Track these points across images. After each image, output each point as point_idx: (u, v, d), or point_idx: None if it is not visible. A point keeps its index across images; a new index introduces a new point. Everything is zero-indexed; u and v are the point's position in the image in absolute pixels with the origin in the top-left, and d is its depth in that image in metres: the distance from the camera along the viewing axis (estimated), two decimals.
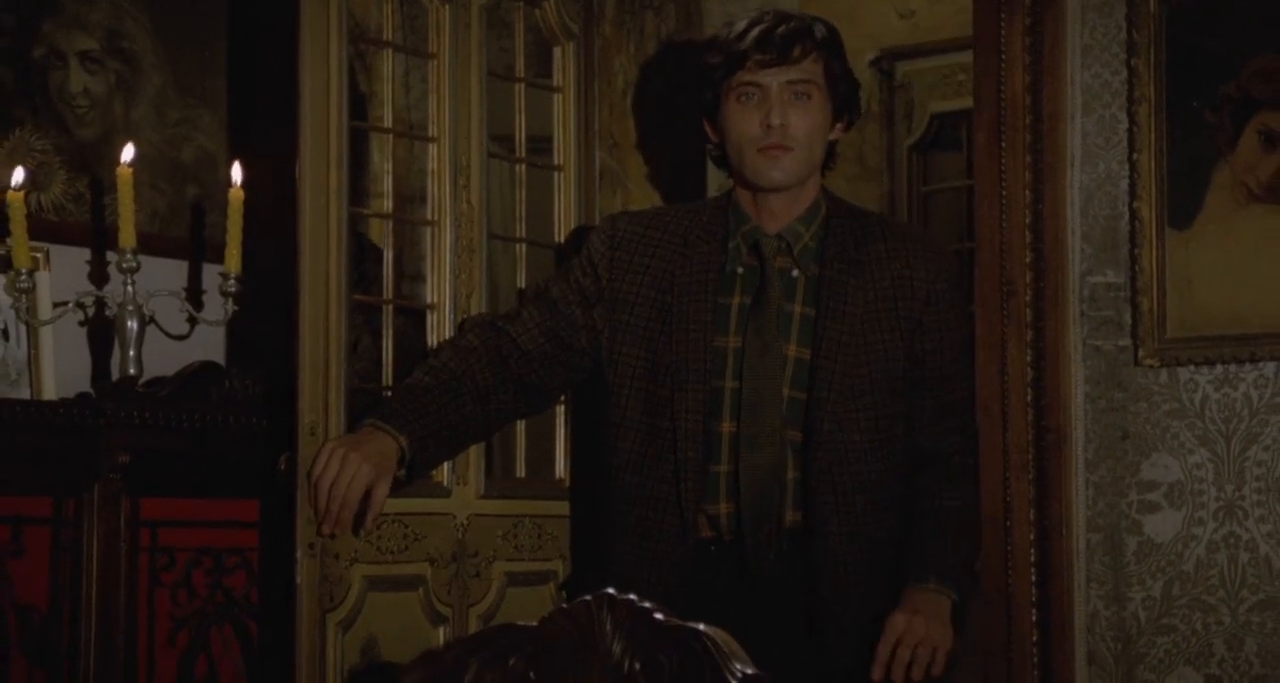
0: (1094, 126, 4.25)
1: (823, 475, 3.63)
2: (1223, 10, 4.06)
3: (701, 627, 2.64)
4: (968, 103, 4.63)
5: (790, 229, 3.68)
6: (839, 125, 3.71)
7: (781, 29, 3.57)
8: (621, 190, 4.77)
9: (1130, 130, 4.18)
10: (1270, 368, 4.01)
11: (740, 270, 3.66)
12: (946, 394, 3.78)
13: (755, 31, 3.57)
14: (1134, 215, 4.17)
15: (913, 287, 3.70)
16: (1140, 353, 4.16)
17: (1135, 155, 4.17)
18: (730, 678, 2.59)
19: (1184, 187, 4.10)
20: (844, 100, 3.65)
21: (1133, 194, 4.17)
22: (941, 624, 3.63)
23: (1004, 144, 4.30)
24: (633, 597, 2.74)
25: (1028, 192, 4.28)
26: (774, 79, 3.58)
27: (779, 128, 3.56)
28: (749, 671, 2.60)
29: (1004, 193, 4.30)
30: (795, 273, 3.67)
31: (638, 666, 2.70)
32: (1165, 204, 4.13)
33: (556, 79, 4.66)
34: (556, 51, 4.66)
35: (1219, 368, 4.06)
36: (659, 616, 2.70)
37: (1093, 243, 4.25)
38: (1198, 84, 4.08)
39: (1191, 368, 4.10)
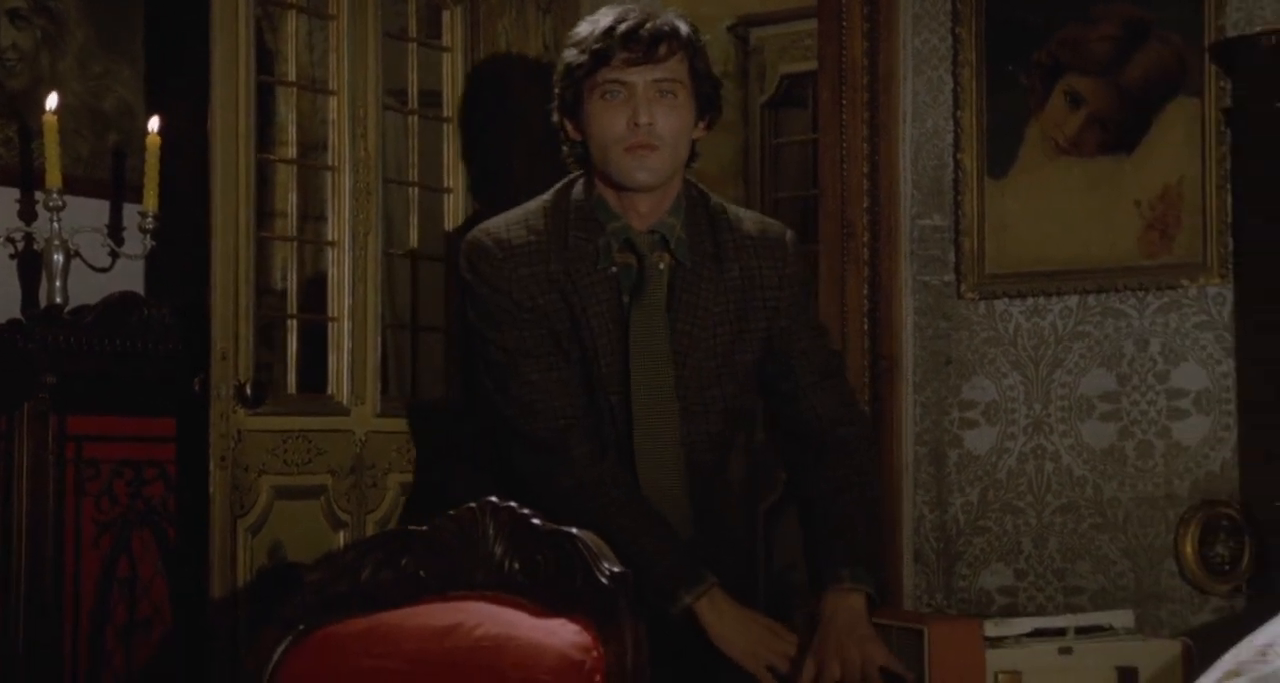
0: (923, 87, 4.27)
1: (693, 468, 3.22)
2: None
3: (574, 530, 2.64)
4: (813, 65, 4.63)
5: (663, 223, 3.19)
6: (701, 124, 3.24)
7: (648, 27, 3.13)
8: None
9: (955, 90, 4.20)
10: (1073, 301, 4.05)
11: (614, 269, 3.16)
12: (818, 359, 3.28)
13: (621, 29, 3.12)
14: (957, 166, 4.20)
15: (763, 275, 3.23)
16: (962, 288, 4.19)
17: (959, 113, 4.19)
18: (600, 575, 2.60)
19: (1001, 141, 4.13)
20: (707, 99, 3.19)
21: (956, 147, 4.20)
22: (871, 641, 3.04)
23: (844, 102, 4.32)
24: (513, 503, 2.73)
25: (865, 145, 4.30)
26: (640, 77, 3.11)
27: (646, 127, 3.10)
28: (615, 569, 2.60)
29: (844, 146, 4.32)
30: (662, 266, 3.19)
31: (517, 565, 2.70)
32: (984, 156, 4.15)
33: (446, 39, 4.65)
34: (446, 15, 4.65)
35: (1030, 301, 4.10)
36: (536, 520, 2.70)
37: (922, 190, 4.27)
38: (1013, 50, 4.10)
39: (1006, 301, 4.13)
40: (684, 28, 3.18)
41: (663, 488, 3.14)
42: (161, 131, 4.18)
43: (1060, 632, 3.52)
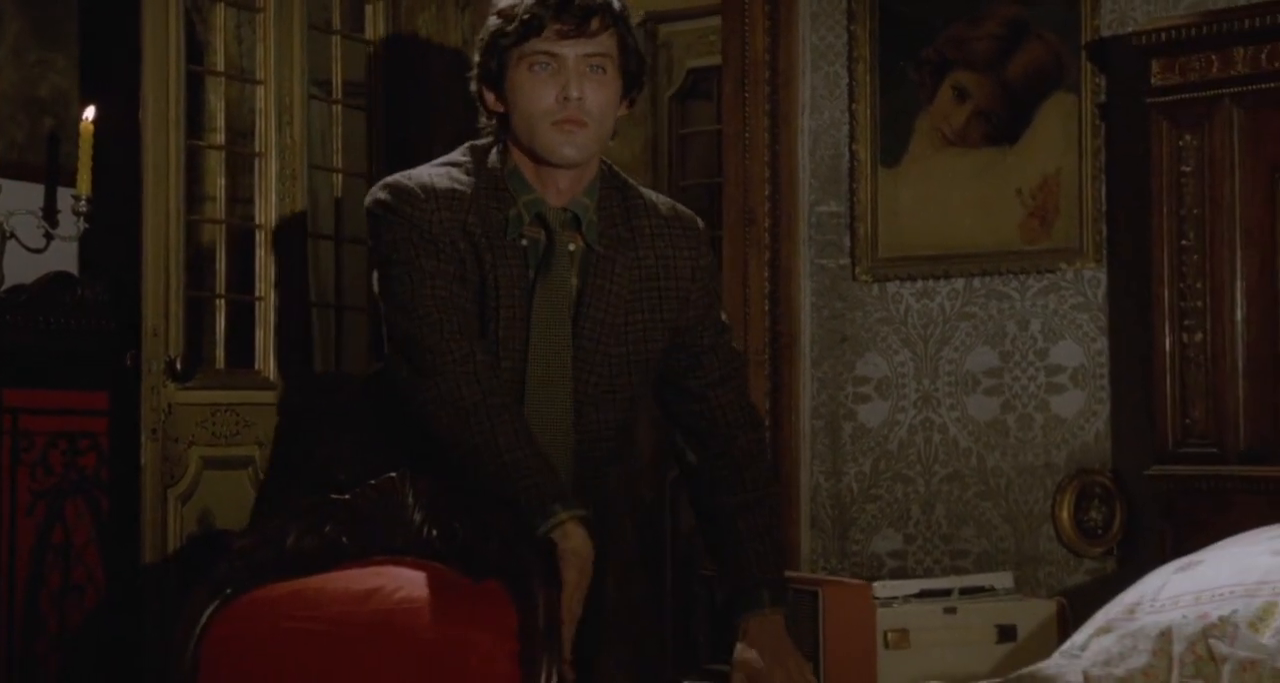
0: (821, 81, 4.28)
1: (584, 456, 2.98)
2: None
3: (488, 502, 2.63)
4: (718, 60, 4.63)
5: (577, 202, 2.90)
6: (625, 102, 2.95)
7: (578, 3, 2.85)
8: (425, 129, 4.73)
9: (850, 85, 4.22)
10: (960, 283, 4.08)
11: (524, 242, 2.88)
12: (724, 356, 3.02)
13: (554, 2, 2.84)
14: (853, 156, 4.22)
15: (677, 264, 2.96)
16: (857, 270, 4.21)
17: (854, 106, 4.21)
18: (513, 541, 2.59)
19: (893, 132, 4.15)
20: (633, 76, 2.91)
21: (852, 138, 4.21)
22: (797, 660, 2.90)
23: (746, 95, 4.33)
24: (432, 474, 2.72)
25: (766, 135, 4.31)
26: (571, 51, 2.82)
27: (576, 101, 2.81)
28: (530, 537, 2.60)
29: (746, 136, 4.33)
30: (572, 247, 2.93)
31: (435, 532, 2.68)
32: (878, 147, 4.17)
33: (368, 32, 4.64)
34: (368, 9, 4.64)
35: (919, 283, 4.13)
36: (454, 490, 2.68)
37: (819, 178, 4.29)
38: (904, 47, 4.12)
39: (897, 283, 4.16)
40: (616, 2, 2.91)
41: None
42: (95, 118, 4.14)
43: (945, 593, 3.56)
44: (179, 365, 3.92)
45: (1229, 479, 3.45)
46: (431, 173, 2.89)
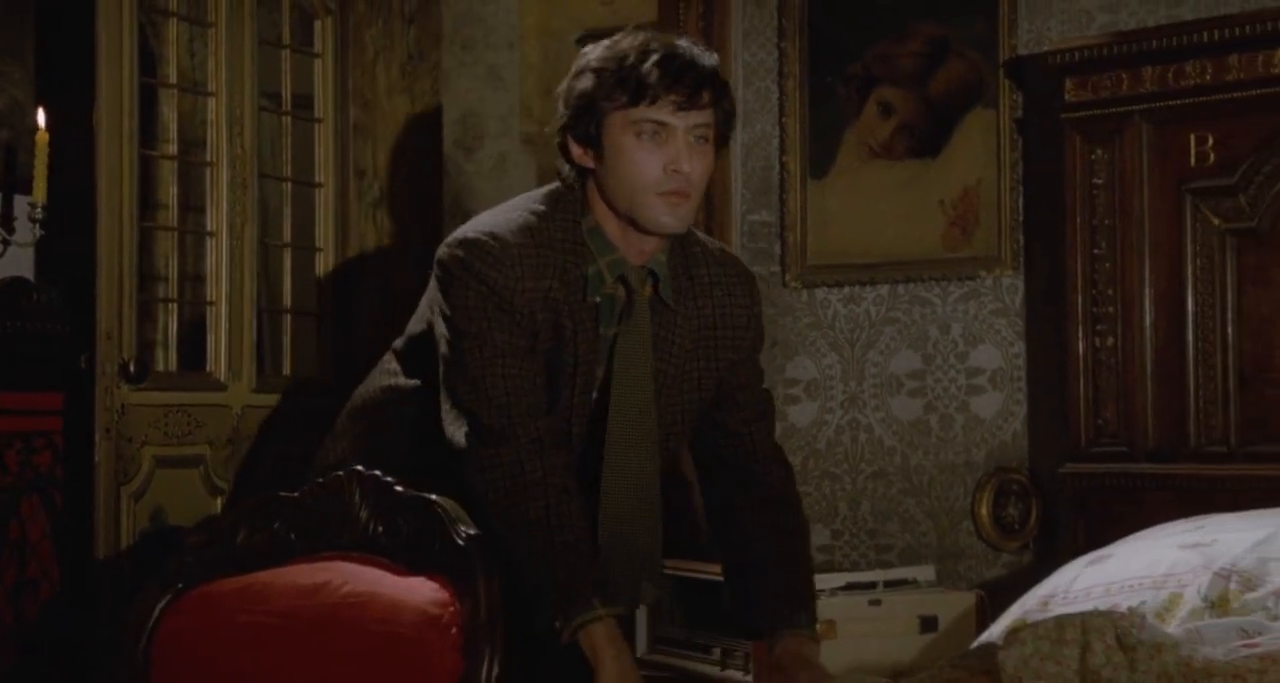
0: (752, 96, 4.29)
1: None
2: (852, 5, 4.12)
3: (434, 496, 2.62)
4: None
5: (655, 260, 2.73)
6: None
7: (694, 72, 2.63)
8: (371, 140, 4.71)
9: (780, 99, 4.24)
10: (885, 289, 4.10)
11: (598, 299, 2.69)
12: (757, 396, 2.91)
13: (669, 69, 2.62)
14: (783, 168, 4.23)
15: (734, 312, 2.82)
16: (787, 277, 4.23)
17: (784, 119, 4.22)
18: (457, 538, 2.59)
19: (821, 145, 4.17)
20: (724, 139, 2.73)
21: (782, 151, 4.23)
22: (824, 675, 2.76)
23: None
24: (378, 472, 2.72)
25: None
26: (682, 122, 2.61)
27: (685, 175, 2.63)
28: (471, 531, 2.60)
29: None
30: (645, 303, 2.76)
31: (380, 528, 2.68)
32: (807, 159, 4.19)
33: (317, 46, 4.62)
34: (317, 24, 4.62)
35: (847, 289, 4.14)
36: (399, 488, 2.68)
37: (751, 189, 4.30)
38: (832, 64, 4.14)
39: (826, 289, 4.18)
40: (719, 70, 2.71)
41: (628, 520, 2.74)
42: (50, 128, 4.11)
43: (870, 585, 3.58)
44: (132, 367, 3.90)
45: (1138, 477, 3.48)
46: (512, 230, 2.67)
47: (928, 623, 3.25)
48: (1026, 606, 2.99)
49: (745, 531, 2.83)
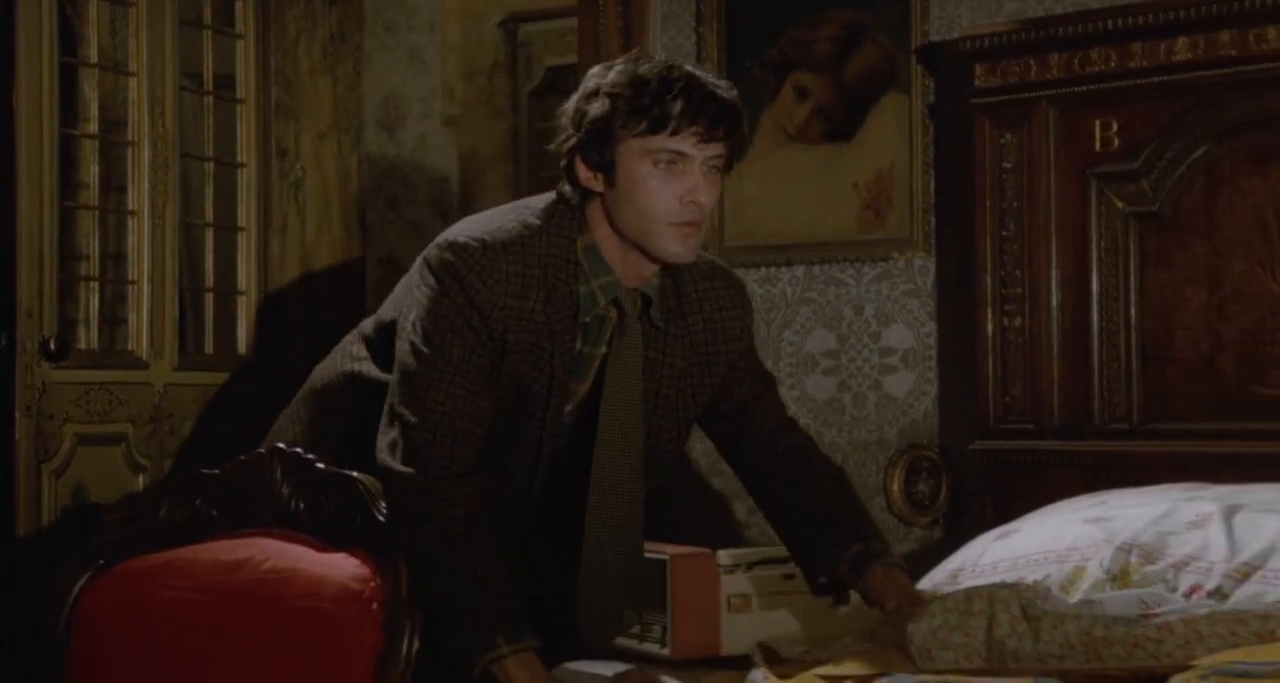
0: None
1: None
2: None
3: (355, 474, 2.62)
4: (574, 58, 4.63)
5: (650, 284, 2.67)
6: None
7: (716, 105, 2.55)
8: (293, 120, 4.69)
9: None
10: (800, 270, 4.12)
11: (588, 319, 2.62)
12: (756, 373, 2.86)
13: (692, 100, 2.54)
14: None
15: (726, 327, 2.76)
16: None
17: None
18: (378, 514, 2.58)
19: None
20: (730, 167, 2.66)
21: None
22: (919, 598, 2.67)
23: None
24: (299, 450, 2.70)
25: None
26: (700, 153, 2.54)
27: (700, 205, 2.56)
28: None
29: None
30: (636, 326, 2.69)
31: (302, 505, 2.67)
32: None
33: (239, 27, 4.58)
34: (239, 4, 4.59)
35: (763, 270, 4.16)
36: (320, 465, 2.67)
37: None
38: (749, 48, 4.15)
39: (743, 270, 4.18)
40: (738, 102, 2.63)
41: (612, 544, 2.68)
42: None
43: (785, 560, 3.60)
44: (53, 345, 3.86)
45: (1045, 453, 3.53)
46: (503, 242, 2.58)
47: (841, 597, 3.27)
48: (936, 579, 3.03)
49: (786, 491, 2.82)
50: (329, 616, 2.51)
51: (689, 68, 2.58)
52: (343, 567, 2.55)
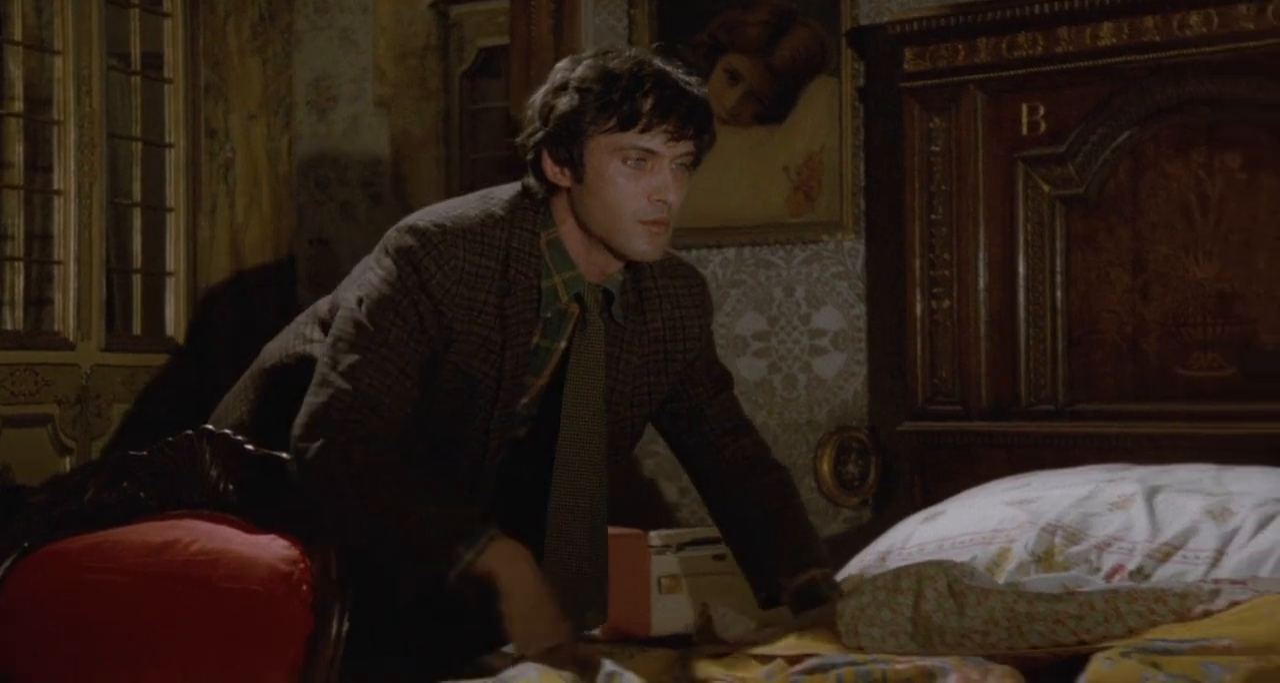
0: None
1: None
2: None
3: (285, 455, 2.60)
4: (506, 39, 4.62)
5: (612, 280, 2.62)
6: None
7: (687, 103, 2.51)
8: (223, 100, 4.64)
9: None
10: (731, 252, 4.13)
11: (549, 315, 2.58)
12: (714, 373, 2.81)
13: (663, 97, 2.49)
14: None
15: (685, 326, 2.71)
16: None
17: None
18: None
19: None
20: (698, 164, 2.60)
21: None
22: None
23: (532, 74, 4.31)
24: (228, 431, 2.68)
25: None
26: (670, 151, 2.50)
27: (668, 204, 2.52)
28: None
29: None
30: (599, 322, 2.65)
31: (231, 487, 2.66)
32: None
33: (166, 6, 4.54)
34: None
35: (695, 252, 4.16)
36: (249, 446, 2.65)
37: None
38: (681, 30, 4.14)
39: (674, 252, 4.18)
40: (708, 99, 2.59)
41: (575, 542, 2.63)
42: None
43: (715, 540, 3.61)
44: None
45: (972, 434, 3.56)
46: (465, 229, 2.54)
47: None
48: (865, 561, 3.05)
49: (733, 499, 2.76)
50: (258, 597, 2.49)
51: (659, 63, 2.53)
52: (271, 548, 2.53)
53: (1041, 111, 3.50)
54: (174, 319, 4.49)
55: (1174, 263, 3.38)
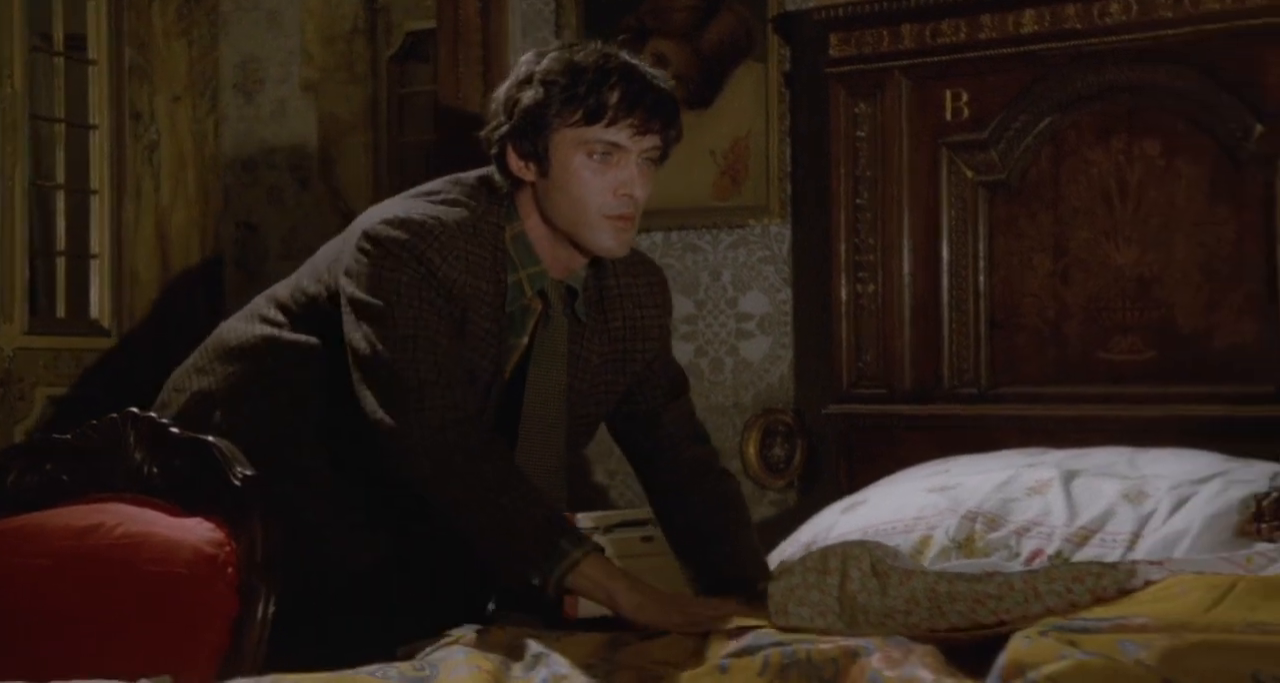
0: (530, 46, 4.24)
1: None
2: None
3: (210, 438, 2.58)
4: (433, 23, 4.60)
5: (576, 276, 2.58)
6: None
7: (653, 96, 2.47)
8: (148, 82, 4.59)
9: None
10: (659, 236, 4.12)
11: (512, 310, 2.54)
12: (671, 376, 2.77)
13: (629, 91, 2.46)
14: None
15: (644, 324, 2.67)
16: None
17: None
18: (233, 478, 2.55)
19: None
20: (665, 158, 2.56)
21: None
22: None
23: (460, 57, 4.30)
24: (153, 414, 2.66)
25: (479, 96, 4.29)
26: (636, 145, 2.46)
27: (634, 199, 2.48)
28: (248, 472, 2.56)
29: (460, 95, 4.30)
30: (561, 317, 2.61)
31: (155, 469, 2.63)
32: None
33: None
34: None
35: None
36: (174, 430, 2.63)
37: None
38: (608, 15, 4.13)
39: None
40: (675, 92, 2.55)
41: None
42: None
43: (643, 522, 3.62)
44: None
45: (896, 417, 3.58)
46: (457, 221, 2.50)
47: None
48: (788, 552, 3.06)
49: (683, 507, 2.71)
50: (183, 580, 2.47)
51: (625, 56, 2.50)
52: (197, 531, 2.51)
53: (965, 98, 3.52)
54: (98, 302, 4.45)
55: (1094, 248, 3.41)
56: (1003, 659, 1.83)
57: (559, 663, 2.12)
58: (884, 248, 3.62)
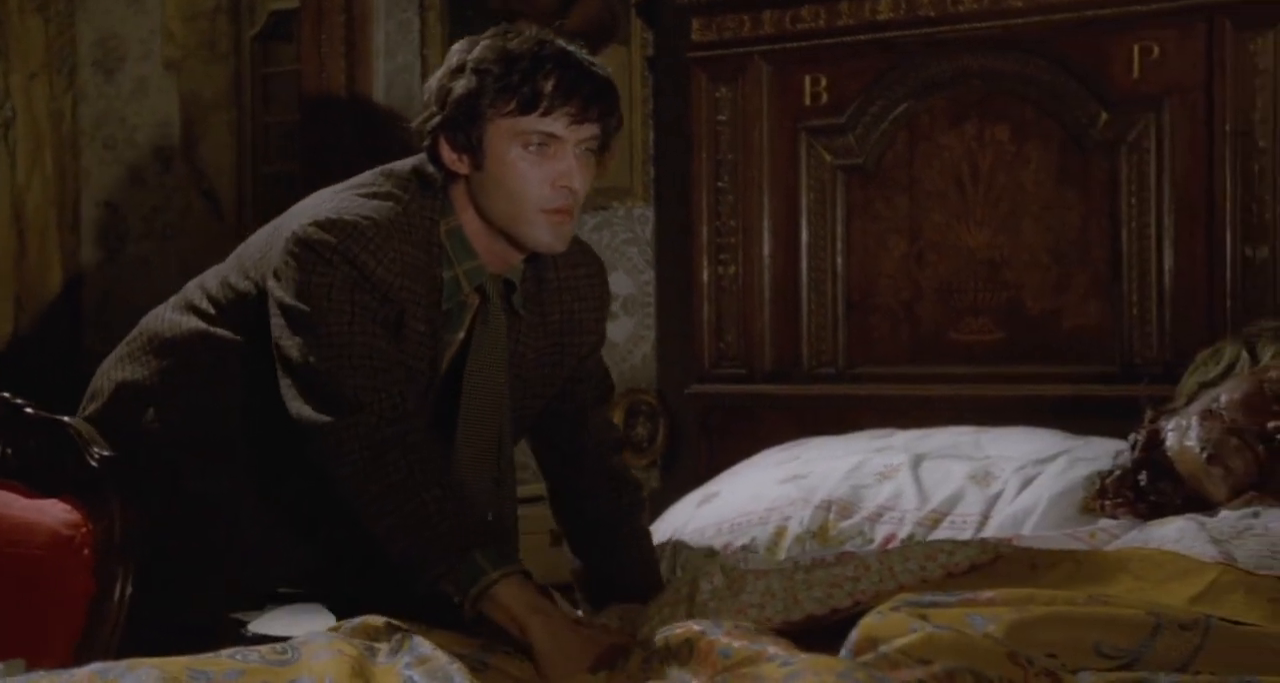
0: (395, 27, 4.24)
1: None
2: None
3: (66, 418, 2.53)
4: (296, 2, 4.53)
5: (514, 269, 2.48)
6: None
7: (590, 84, 2.38)
8: (2, 59, 4.48)
9: (421, 31, 4.20)
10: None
11: (448, 307, 2.44)
12: (599, 380, 2.69)
13: (564, 79, 2.36)
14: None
15: (582, 318, 2.58)
16: None
17: (425, 51, 4.19)
18: (90, 459, 2.50)
19: None
20: (605, 149, 2.46)
21: (423, 81, 4.18)
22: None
23: (324, 38, 4.26)
24: (7, 394, 2.60)
25: (343, 76, 4.25)
26: (573, 135, 2.36)
27: (573, 191, 2.38)
28: (105, 453, 2.51)
29: (324, 76, 4.26)
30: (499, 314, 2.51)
31: (10, 451, 2.58)
32: None
33: None
34: None
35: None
36: (29, 409, 2.57)
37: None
38: None
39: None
40: (612, 80, 2.47)
41: None
42: None
43: (524, 501, 3.61)
44: None
45: (756, 397, 3.61)
46: (389, 219, 2.38)
47: (557, 537, 3.30)
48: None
49: (592, 515, 2.65)
50: (38, 562, 2.43)
51: (561, 43, 2.41)
52: (52, 512, 2.46)
53: (824, 83, 3.55)
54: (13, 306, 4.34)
55: (947, 231, 3.46)
56: (855, 634, 1.85)
57: (423, 645, 2.09)
58: (745, 230, 3.64)
